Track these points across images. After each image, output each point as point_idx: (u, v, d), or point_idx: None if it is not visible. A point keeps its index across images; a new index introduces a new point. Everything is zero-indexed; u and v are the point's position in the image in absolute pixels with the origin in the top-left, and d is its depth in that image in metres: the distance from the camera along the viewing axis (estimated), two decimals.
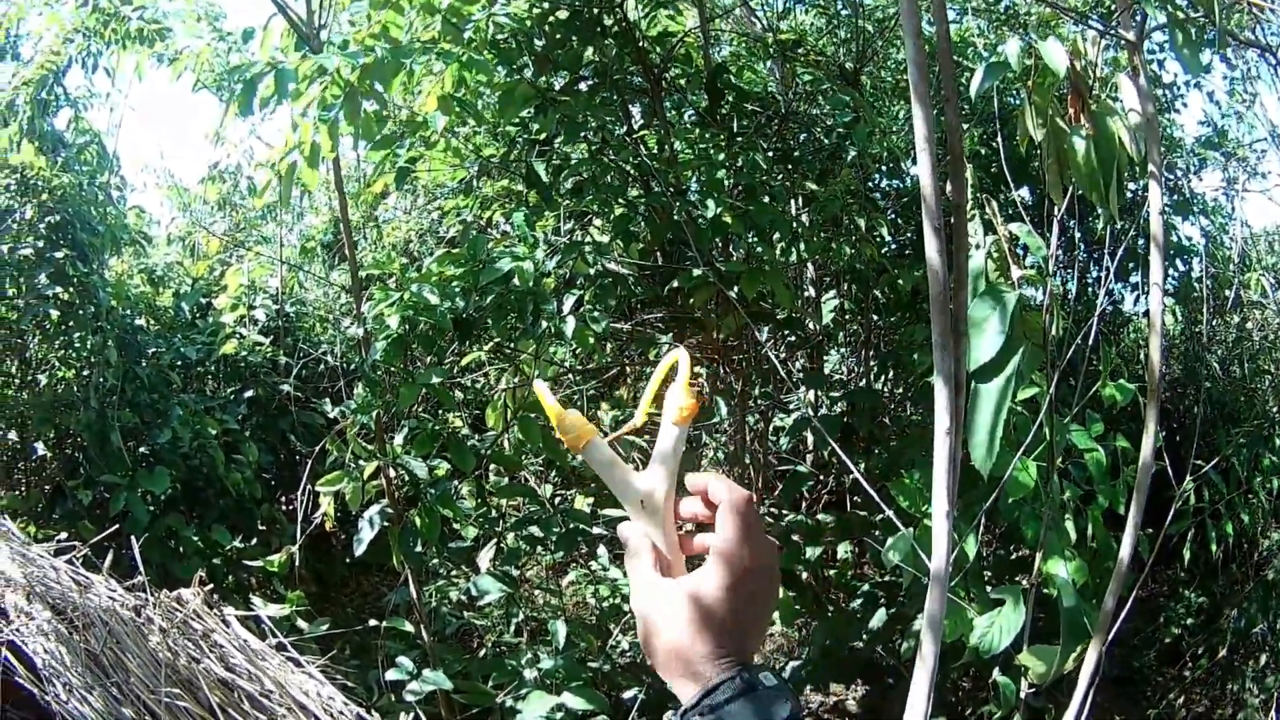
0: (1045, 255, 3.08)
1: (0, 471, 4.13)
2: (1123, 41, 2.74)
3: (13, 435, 4.18)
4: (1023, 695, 3.14)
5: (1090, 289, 4.41)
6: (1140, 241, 3.91)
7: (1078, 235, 4.27)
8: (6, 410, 4.07)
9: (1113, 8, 2.90)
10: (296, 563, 3.14)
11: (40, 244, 3.83)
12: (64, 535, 2.91)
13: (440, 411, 2.89)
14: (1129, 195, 4.21)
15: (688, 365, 0.80)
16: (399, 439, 2.91)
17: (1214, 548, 4.03)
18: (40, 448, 4.01)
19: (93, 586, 2.70)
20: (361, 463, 2.91)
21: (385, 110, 2.87)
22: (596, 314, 2.71)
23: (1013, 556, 3.62)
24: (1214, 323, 4.75)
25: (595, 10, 2.99)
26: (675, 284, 2.93)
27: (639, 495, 0.80)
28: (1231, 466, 4.02)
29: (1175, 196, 4.53)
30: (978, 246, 2.99)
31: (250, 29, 3.64)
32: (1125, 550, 2.60)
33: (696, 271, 2.78)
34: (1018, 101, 2.95)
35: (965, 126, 3.56)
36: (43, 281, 3.83)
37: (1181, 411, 4.59)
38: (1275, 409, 4.47)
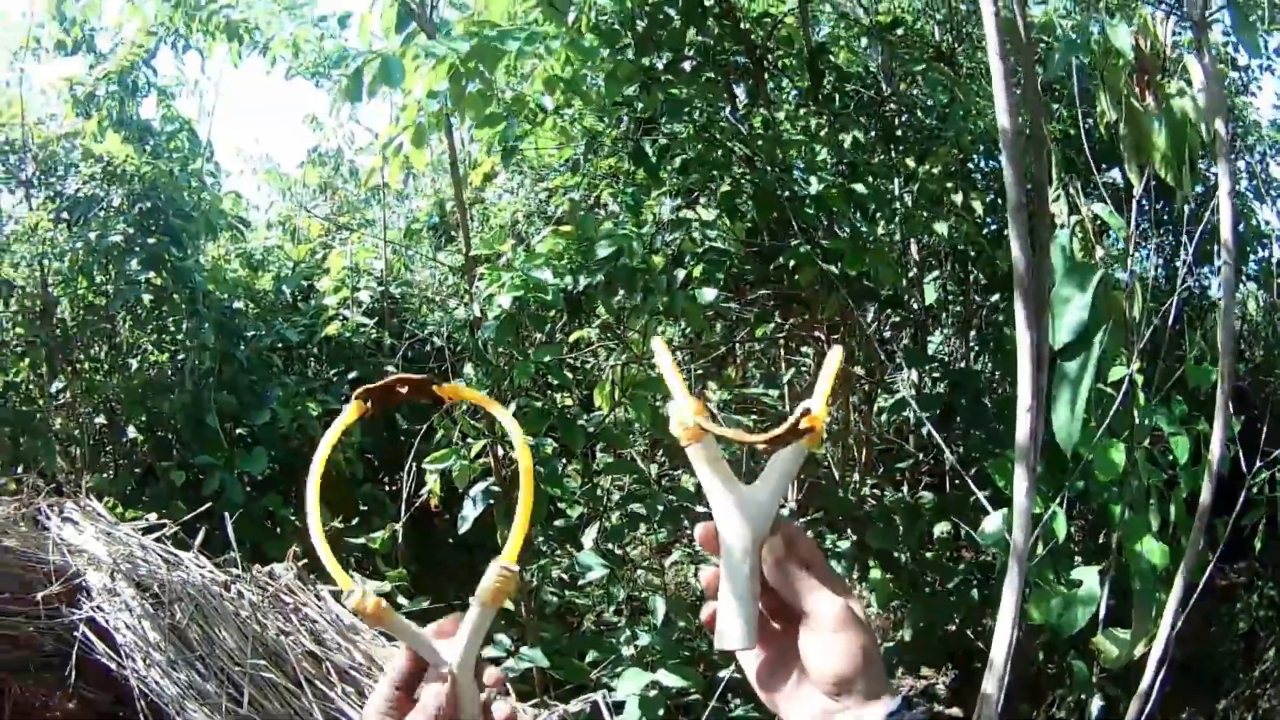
0: (1127, 235, 3.06)
1: (89, 454, 4.19)
2: (1190, 22, 2.73)
3: (100, 419, 4.24)
4: (1095, 679, 3.11)
5: (1177, 272, 4.37)
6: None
7: (1165, 218, 4.23)
8: (95, 394, 4.13)
9: None
10: (399, 539, 3.18)
11: (131, 230, 3.88)
12: (153, 516, 2.95)
13: (549, 391, 2.91)
14: (1209, 178, 4.16)
15: (833, 371, 0.71)
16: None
17: None
18: (131, 430, 4.06)
19: (182, 564, 2.71)
20: (469, 441, 2.94)
21: (490, 91, 2.90)
22: (706, 289, 2.73)
23: (1101, 540, 3.59)
24: None
25: None
26: (780, 261, 2.94)
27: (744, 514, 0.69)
28: None
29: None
30: (1062, 226, 2.98)
31: (346, 14, 3.70)
32: (1195, 535, 2.57)
33: (802, 248, 2.79)
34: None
35: (1055, 106, 3.55)
36: (133, 267, 3.88)
37: (1265, 398, 4.53)
38: None
